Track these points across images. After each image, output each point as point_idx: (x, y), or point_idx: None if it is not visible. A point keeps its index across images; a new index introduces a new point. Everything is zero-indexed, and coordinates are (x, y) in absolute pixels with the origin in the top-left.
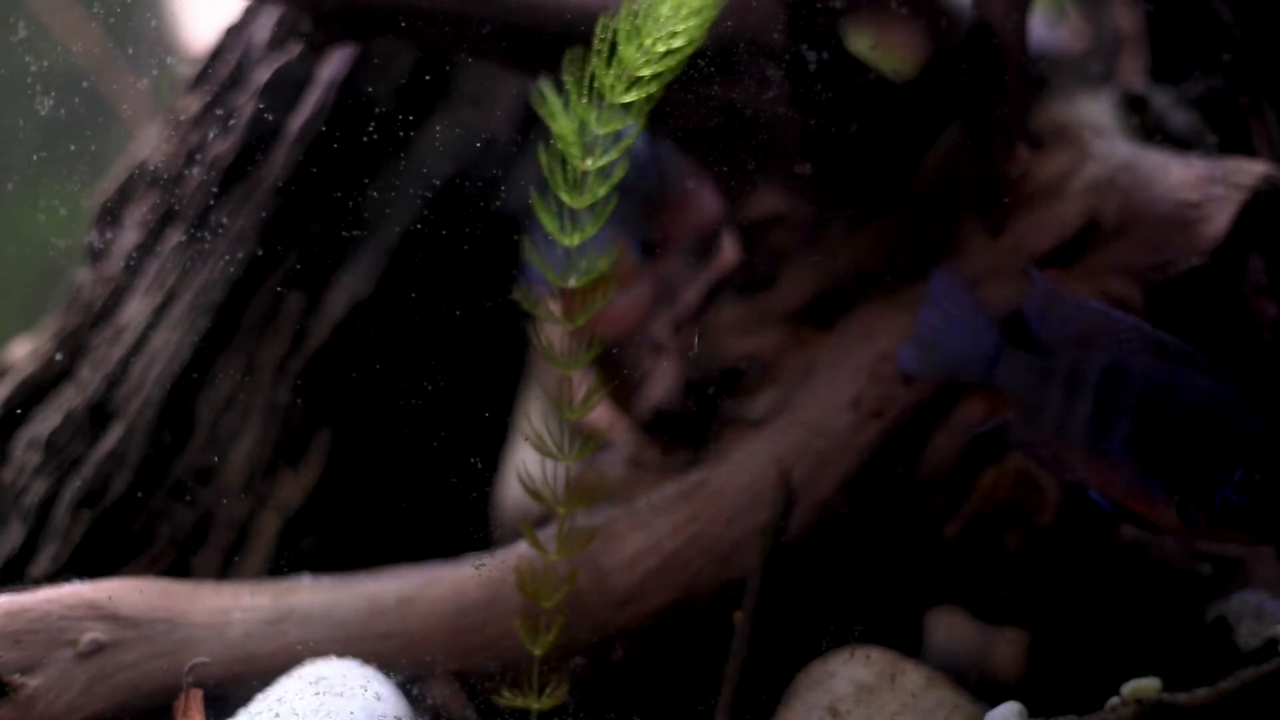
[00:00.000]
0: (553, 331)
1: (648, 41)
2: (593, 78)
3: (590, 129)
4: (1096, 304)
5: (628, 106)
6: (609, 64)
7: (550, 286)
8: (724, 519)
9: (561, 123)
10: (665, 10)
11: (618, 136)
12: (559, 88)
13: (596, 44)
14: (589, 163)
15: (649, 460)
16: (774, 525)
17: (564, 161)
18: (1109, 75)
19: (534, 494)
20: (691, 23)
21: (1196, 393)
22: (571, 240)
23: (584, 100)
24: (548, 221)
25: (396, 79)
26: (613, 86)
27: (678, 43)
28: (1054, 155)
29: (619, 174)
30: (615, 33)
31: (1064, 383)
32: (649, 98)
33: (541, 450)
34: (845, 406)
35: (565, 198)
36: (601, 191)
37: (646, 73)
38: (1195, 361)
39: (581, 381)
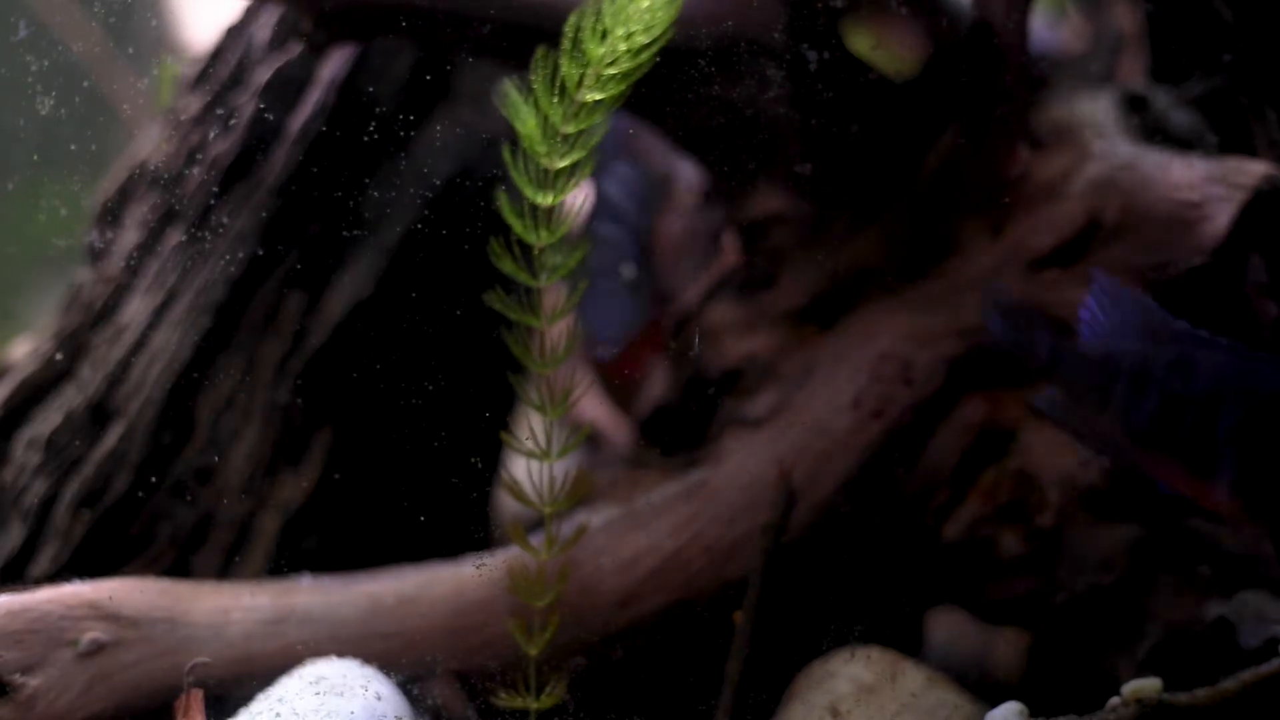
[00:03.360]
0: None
1: (614, 39)
2: (561, 76)
3: (556, 127)
4: (1154, 303)
5: (596, 105)
6: (576, 62)
7: (615, 347)
8: (724, 519)
9: (526, 121)
10: (630, 8)
11: (585, 135)
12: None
13: (565, 41)
14: (554, 161)
15: (649, 460)
16: (774, 525)
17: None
18: (1110, 75)
19: (517, 495)
20: (658, 17)
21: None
22: (540, 239)
23: (551, 98)
24: (514, 222)
25: (397, 79)
26: (578, 85)
27: (643, 39)
28: (1054, 155)
29: (586, 170)
30: (580, 30)
31: (1129, 378)
32: (617, 96)
33: (520, 451)
34: (846, 406)
35: (531, 196)
36: (568, 190)
37: (613, 71)
38: (1258, 357)
39: (561, 380)
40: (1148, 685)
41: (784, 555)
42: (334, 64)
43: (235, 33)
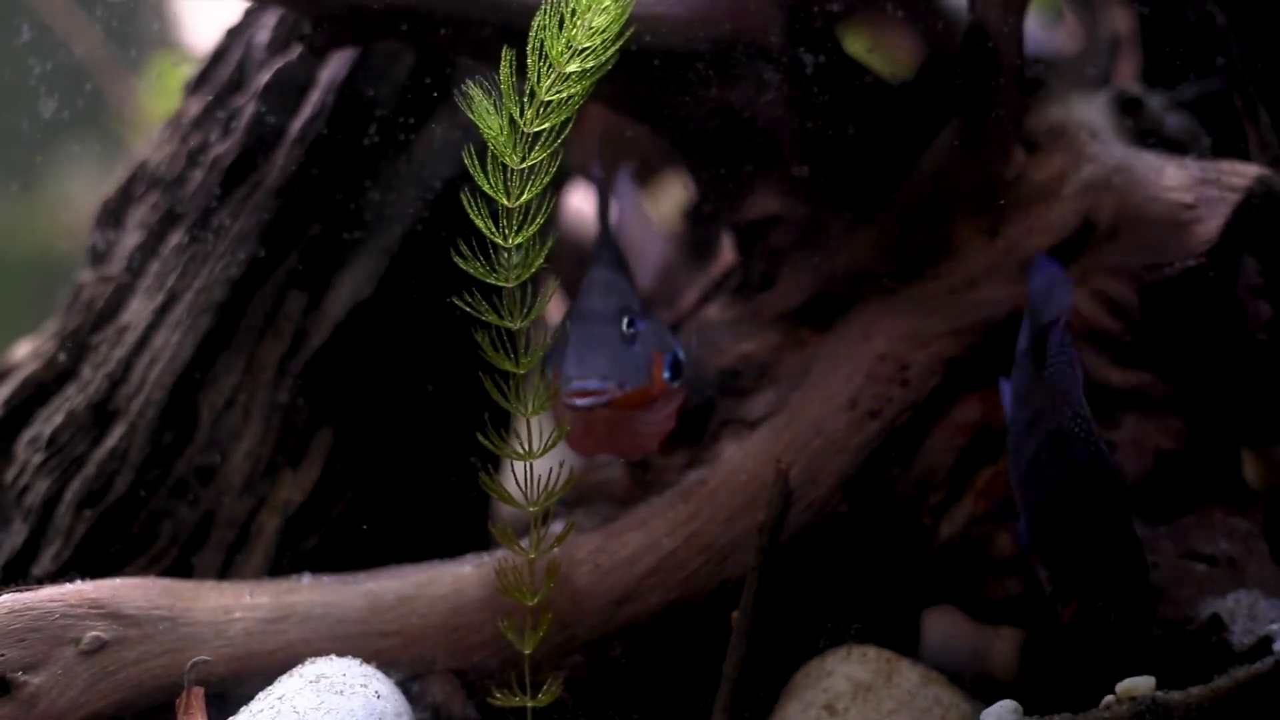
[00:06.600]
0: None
1: (574, 36)
2: (525, 76)
3: (521, 127)
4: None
5: (562, 103)
6: (540, 60)
7: (599, 396)
8: (722, 518)
9: (491, 121)
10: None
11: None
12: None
13: (531, 41)
14: (520, 161)
15: (647, 460)
16: (771, 524)
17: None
18: (1105, 78)
19: (502, 496)
20: (610, 14)
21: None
22: (510, 241)
23: (515, 98)
24: (481, 223)
25: (397, 81)
26: (541, 82)
27: (600, 39)
28: (1050, 157)
29: (549, 175)
30: (543, 29)
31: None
32: (581, 94)
33: (499, 452)
34: (842, 406)
35: (497, 198)
36: (534, 190)
37: (574, 68)
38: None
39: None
40: (1141, 683)
41: (781, 554)
42: (334, 66)
43: (236, 35)
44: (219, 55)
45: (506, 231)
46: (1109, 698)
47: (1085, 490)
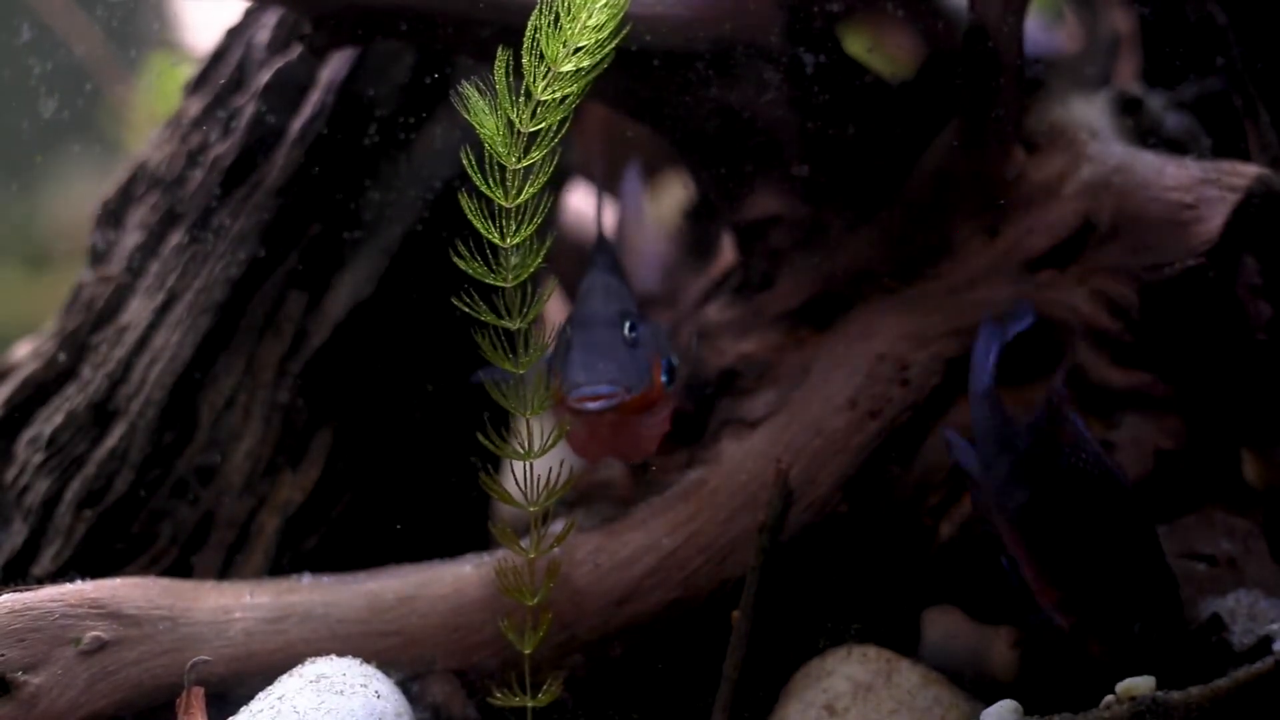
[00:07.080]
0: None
1: (570, 35)
2: (521, 75)
3: (518, 127)
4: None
5: (556, 102)
6: (536, 60)
7: (608, 400)
8: (722, 518)
9: (487, 122)
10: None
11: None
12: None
13: (527, 41)
14: (517, 161)
15: (647, 460)
16: (771, 524)
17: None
18: (1105, 78)
19: (501, 496)
20: (605, 13)
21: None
22: (508, 240)
23: (512, 98)
24: (480, 224)
25: (397, 81)
26: (536, 83)
27: (593, 39)
28: (1050, 157)
29: (546, 174)
30: (538, 29)
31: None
32: (577, 93)
33: (498, 452)
34: (842, 406)
35: (494, 198)
36: (530, 190)
37: (570, 68)
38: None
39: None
40: (1141, 683)
41: (781, 554)
42: (334, 66)
43: (236, 35)
44: (219, 55)
45: (505, 231)
46: (1109, 698)
47: (1113, 526)
